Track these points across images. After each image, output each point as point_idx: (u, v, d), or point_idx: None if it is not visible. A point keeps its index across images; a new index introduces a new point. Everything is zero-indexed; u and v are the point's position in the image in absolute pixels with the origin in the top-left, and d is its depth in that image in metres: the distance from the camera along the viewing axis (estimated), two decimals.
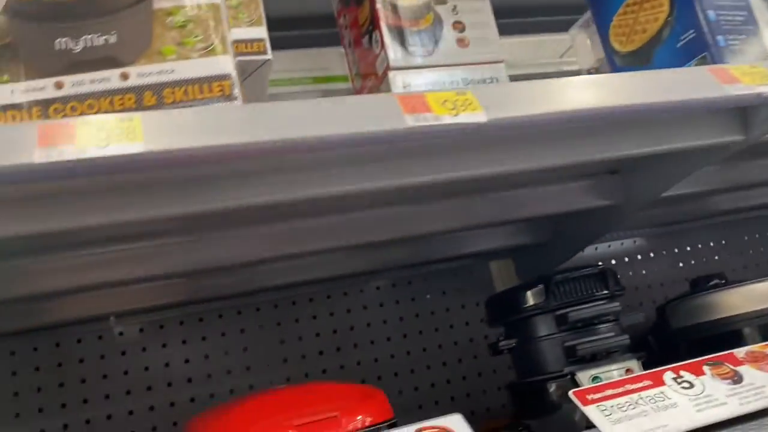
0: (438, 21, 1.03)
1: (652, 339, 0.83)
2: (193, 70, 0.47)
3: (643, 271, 1.19)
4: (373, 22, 1.04)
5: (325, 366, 1.04)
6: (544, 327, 0.65)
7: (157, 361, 0.97)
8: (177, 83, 0.46)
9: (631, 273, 1.18)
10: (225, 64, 0.48)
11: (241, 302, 1.03)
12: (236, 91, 0.48)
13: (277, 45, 1.24)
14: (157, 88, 0.46)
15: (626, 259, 1.18)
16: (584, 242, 0.95)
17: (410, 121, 0.46)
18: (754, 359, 0.58)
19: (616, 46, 0.84)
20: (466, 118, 0.48)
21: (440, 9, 1.04)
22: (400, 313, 1.10)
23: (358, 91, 1.07)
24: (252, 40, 0.70)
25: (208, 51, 0.46)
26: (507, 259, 1.16)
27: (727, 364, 0.57)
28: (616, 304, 0.64)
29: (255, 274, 1.00)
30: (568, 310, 0.64)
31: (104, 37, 0.45)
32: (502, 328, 0.72)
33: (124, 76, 0.46)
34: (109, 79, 0.45)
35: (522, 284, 0.69)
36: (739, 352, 0.58)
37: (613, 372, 0.61)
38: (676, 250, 1.19)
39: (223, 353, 1.00)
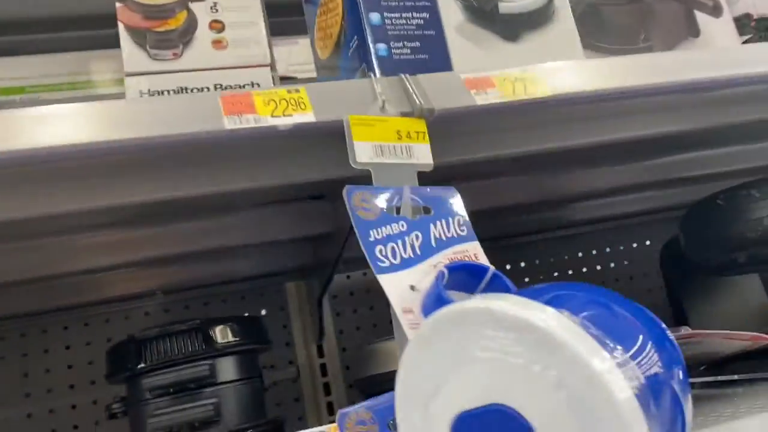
0: (192, 20, 0.93)
1: None
2: None
3: None
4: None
5: (76, 401, 0.95)
6: (137, 392, 0.55)
7: None
8: None
9: None
10: None
11: None
12: None
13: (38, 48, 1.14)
14: None
15: None
16: (332, 267, 0.85)
17: None
18: None
19: (318, 52, 0.73)
20: None
21: (196, 6, 0.93)
22: None
23: None
24: None
25: None
26: (301, 280, 1.06)
27: None
28: (204, 367, 0.53)
29: None
30: (151, 374, 0.54)
31: None
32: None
33: None
34: None
35: (132, 337, 0.58)
36: None
37: None
38: None
39: None
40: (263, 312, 1.06)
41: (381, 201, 0.39)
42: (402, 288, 0.37)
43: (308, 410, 1.00)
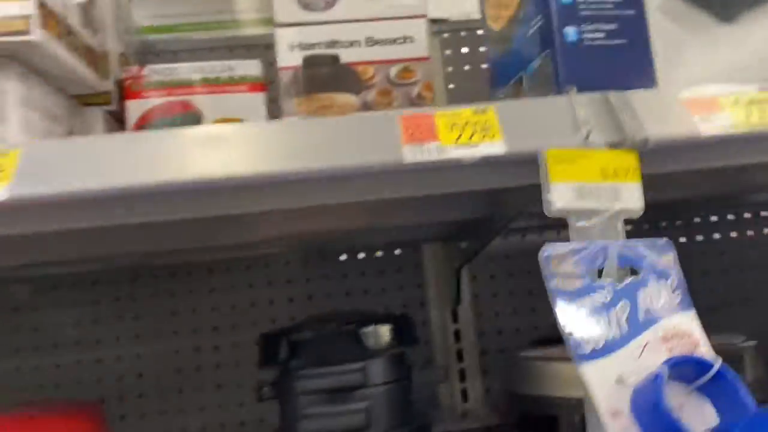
0: None
1: None
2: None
3: None
4: None
5: (218, 343, 0.99)
6: (286, 387, 0.54)
7: (46, 322, 0.97)
8: None
9: None
10: (27, 6, 0.55)
11: (137, 267, 0.99)
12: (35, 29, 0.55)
13: None
14: None
15: None
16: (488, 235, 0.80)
17: None
18: None
19: (489, 21, 0.65)
20: None
21: None
22: (309, 291, 1.02)
23: None
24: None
25: None
26: (438, 242, 1.02)
27: None
28: (356, 370, 0.51)
29: (153, 239, 0.95)
30: (301, 376, 0.52)
31: None
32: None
33: None
34: None
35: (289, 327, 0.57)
36: None
37: None
38: None
39: (113, 319, 0.98)
40: (398, 269, 1.04)
41: (582, 263, 0.33)
42: (607, 381, 0.32)
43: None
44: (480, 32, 1.08)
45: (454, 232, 0.94)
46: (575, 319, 0.33)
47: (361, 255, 1.04)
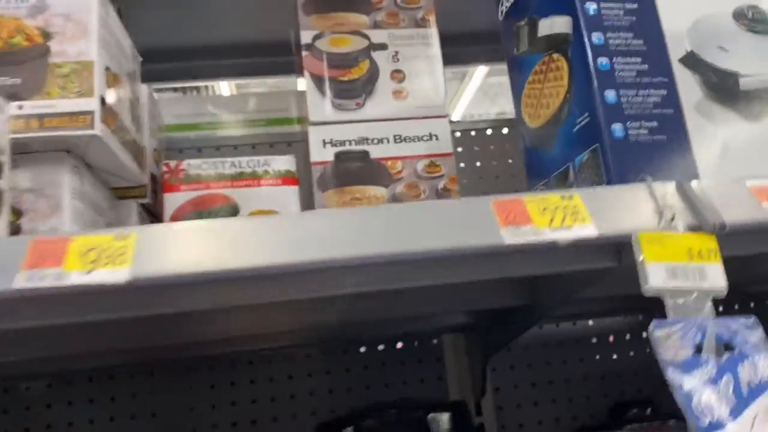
0: (374, 70, 0.92)
1: None
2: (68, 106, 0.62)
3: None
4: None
5: None
6: None
7: (61, 419, 0.94)
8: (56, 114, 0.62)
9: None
10: (90, 103, 0.62)
11: (154, 362, 0.98)
12: (97, 124, 0.62)
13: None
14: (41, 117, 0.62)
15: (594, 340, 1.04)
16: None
17: None
18: None
19: (526, 119, 0.70)
20: None
21: (379, 56, 0.93)
22: (331, 384, 1.00)
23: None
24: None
25: (81, 94, 0.62)
26: (459, 333, 1.03)
27: None
28: None
29: (170, 331, 0.94)
30: None
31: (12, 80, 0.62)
32: None
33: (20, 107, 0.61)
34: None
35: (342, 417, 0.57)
36: None
37: None
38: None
39: (130, 417, 0.96)
40: (419, 361, 1.04)
41: (685, 339, 0.35)
42: None
43: None
44: (489, 132, 1.14)
45: (481, 322, 0.95)
46: (692, 394, 0.34)
47: (381, 347, 1.04)
